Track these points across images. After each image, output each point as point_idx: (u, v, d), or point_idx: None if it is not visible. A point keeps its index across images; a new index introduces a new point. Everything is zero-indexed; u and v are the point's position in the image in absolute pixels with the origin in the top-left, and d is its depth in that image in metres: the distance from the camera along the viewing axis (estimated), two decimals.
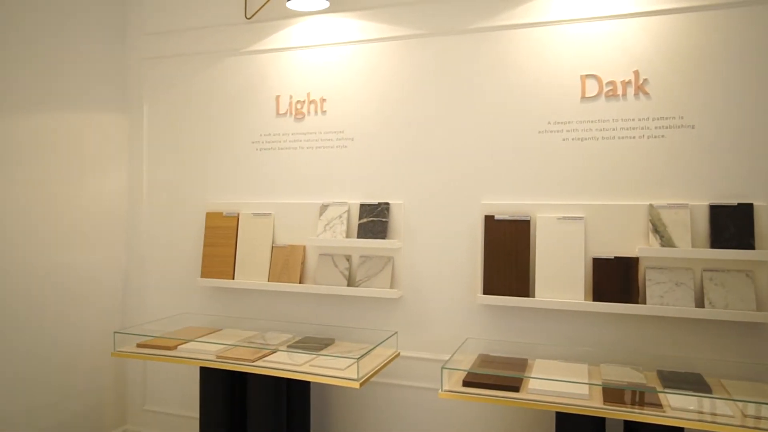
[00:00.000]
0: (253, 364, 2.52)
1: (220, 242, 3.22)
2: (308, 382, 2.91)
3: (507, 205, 2.72)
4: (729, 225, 2.38)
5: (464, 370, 2.31)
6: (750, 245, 2.34)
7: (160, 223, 3.44)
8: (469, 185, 2.80)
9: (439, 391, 2.22)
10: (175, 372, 3.37)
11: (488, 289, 2.69)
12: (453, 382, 2.28)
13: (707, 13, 2.45)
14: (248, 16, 3.17)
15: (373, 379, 2.69)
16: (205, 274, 3.22)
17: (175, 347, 2.73)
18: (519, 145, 2.72)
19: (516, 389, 2.19)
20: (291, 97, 3.13)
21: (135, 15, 3.47)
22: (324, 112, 3.07)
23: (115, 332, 2.84)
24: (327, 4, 2.91)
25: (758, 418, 1.94)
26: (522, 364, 2.46)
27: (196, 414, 3.27)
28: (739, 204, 2.38)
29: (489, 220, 2.72)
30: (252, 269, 3.14)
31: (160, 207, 3.44)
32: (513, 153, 2.73)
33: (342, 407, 3.04)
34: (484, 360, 2.53)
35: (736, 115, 2.41)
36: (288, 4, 2.88)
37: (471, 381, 2.25)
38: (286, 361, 2.55)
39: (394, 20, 2.91)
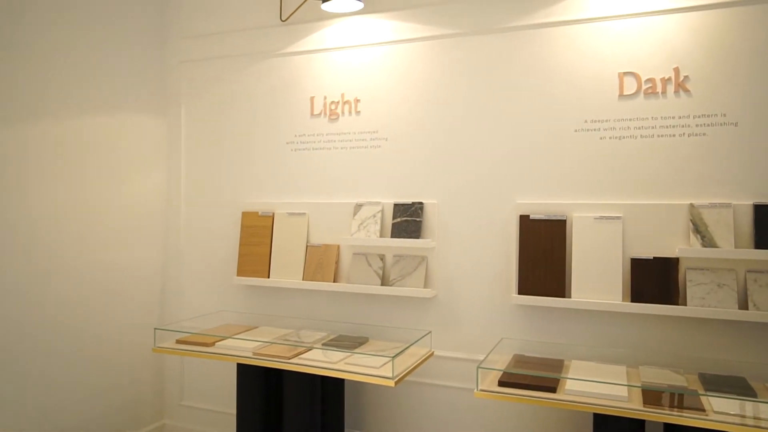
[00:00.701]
0: (289, 361, 2.55)
1: (256, 241, 3.28)
2: (342, 380, 2.93)
3: (542, 205, 2.70)
4: None
5: (500, 370, 2.30)
6: None
7: (197, 223, 3.52)
8: (504, 184, 2.79)
9: (475, 390, 2.22)
10: (212, 368, 3.44)
11: (523, 289, 2.67)
12: (488, 381, 2.27)
13: (749, 7, 2.39)
14: (283, 19, 3.21)
15: (406, 378, 2.70)
16: (241, 272, 3.28)
17: (212, 344, 2.79)
18: (555, 144, 2.70)
19: (552, 390, 2.17)
20: (325, 97, 3.17)
21: (173, 19, 3.55)
22: (358, 113, 3.10)
23: (155, 329, 2.91)
24: (361, 5, 2.94)
25: None
26: (558, 365, 2.43)
27: (232, 409, 3.33)
28: None
29: (524, 219, 2.71)
30: (287, 268, 3.18)
31: (198, 207, 3.52)
32: (548, 152, 2.71)
33: (376, 405, 3.06)
34: (519, 360, 2.51)
35: None
36: (323, 6, 2.91)
37: (506, 381, 2.24)
38: (321, 359, 2.58)
39: (428, 20, 2.92)
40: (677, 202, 2.47)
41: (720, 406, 2.00)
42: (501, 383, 2.24)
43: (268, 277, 3.21)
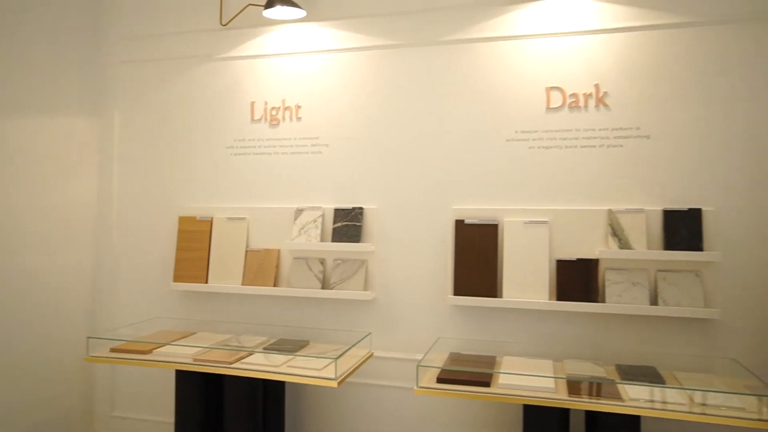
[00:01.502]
0: (232, 366, 2.56)
1: (194, 246, 3.24)
2: (283, 384, 2.96)
3: (476, 210, 2.85)
4: (680, 228, 2.57)
5: (438, 368, 2.42)
6: (699, 247, 2.53)
7: (132, 228, 3.43)
8: (441, 191, 2.92)
9: (415, 387, 2.32)
10: (145, 377, 3.36)
11: (458, 290, 2.81)
12: (427, 379, 2.38)
13: (663, 31, 2.64)
14: (223, 23, 3.21)
15: (347, 380, 2.77)
16: (177, 278, 3.23)
17: (150, 351, 2.74)
18: (488, 153, 2.86)
19: (487, 384, 2.31)
20: (266, 103, 3.19)
21: (111, 19, 3.45)
22: (299, 119, 3.14)
23: (88, 337, 2.82)
24: (304, 13, 2.99)
25: (705, 405, 2.12)
26: (491, 361, 2.58)
27: (166, 418, 3.27)
28: (689, 209, 2.58)
29: (459, 224, 2.85)
30: (226, 273, 3.17)
31: (133, 211, 3.43)
32: (482, 160, 2.87)
33: (317, 408, 3.11)
34: (456, 358, 2.64)
35: (687, 126, 2.60)
36: (265, 13, 2.94)
37: (444, 378, 2.36)
38: (264, 363, 2.60)
39: (370, 30, 3.01)
40: (597, 208, 2.69)
41: (634, 393, 2.20)
42: (439, 380, 2.35)
43: (207, 282, 3.19)
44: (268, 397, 2.88)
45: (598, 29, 2.72)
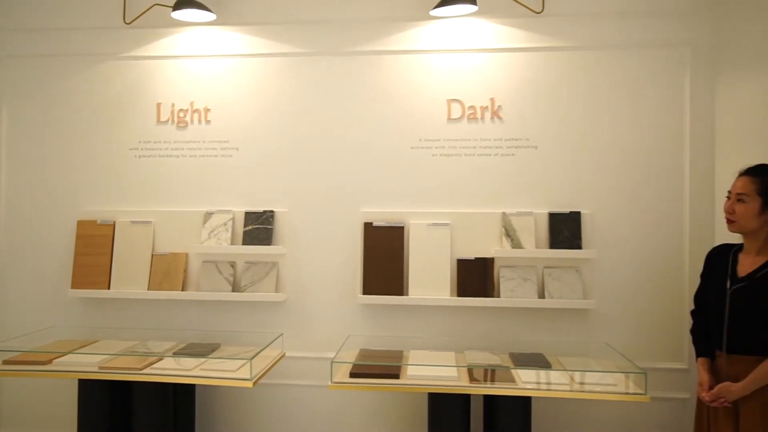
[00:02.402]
0: (142, 372, 2.52)
1: (95, 251, 3.12)
2: (193, 389, 2.95)
3: (384, 213, 3.01)
4: (563, 229, 2.89)
5: (351, 363, 2.55)
6: (578, 246, 2.87)
7: (23, 233, 3.22)
8: (350, 194, 3.05)
9: (329, 383, 2.43)
10: (37, 390, 3.17)
11: (367, 290, 2.96)
12: (340, 374, 2.50)
13: (552, 53, 2.95)
14: (127, 21, 3.12)
15: (260, 381, 2.81)
16: (76, 284, 3.09)
17: (49, 361, 2.62)
18: (394, 159, 3.03)
19: (396, 376, 2.47)
20: (173, 105, 3.15)
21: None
22: (208, 122, 3.13)
23: None
24: (214, 17, 2.99)
25: (583, 384, 2.43)
26: (399, 355, 2.75)
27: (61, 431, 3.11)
28: (570, 212, 2.91)
29: (368, 226, 2.99)
30: (130, 278, 3.09)
31: (24, 215, 3.22)
32: (389, 166, 3.04)
33: (229, 411, 3.11)
34: (366, 354, 2.78)
35: (569, 138, 2.94)
36: (173, 14, 2.90)
37: (357, 372, 2.49)
38: (175, 367, 2.59)
39: (280, 37, 3.08)
40: (492, 211, 2.95)
41: (525, 377, 2.47)
42: (352, 375, 2.48)
43: (109, 288, 3.09)
44: (178, 403, 2.85)
45: (494, 48, 2.98)
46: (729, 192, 2.15)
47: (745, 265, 2.08)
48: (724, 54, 2.80)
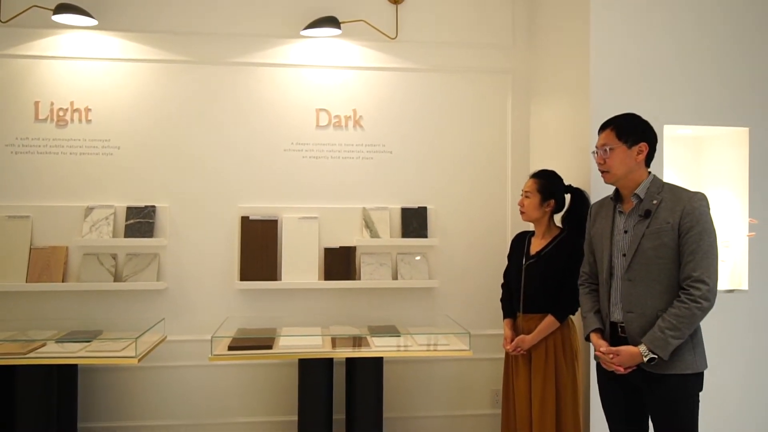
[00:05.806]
0: (26, 356, 2.67)
1: None
2: (76, 374, 3.10)
3: (259, 208, 3.39)
4: (413, 221, 3.47)
5: (230, 337, 2.91)
6: (425, 235, 3.46)
7: None
8: (228, 191, 3.39)
9: (209, 356, 2.77)
10: None
11: (244, 276, 3.32)
12: (219, 349, 2.85)
13: (404, 73, 3.49)
14: (3, 20, 3.18)
15: (141, 364, 3.01)
16: None
17: None
18: (269, 160, 3.42)
19: (269, 348, 2.87)
20: (52, 103, 3.26)
21: None
22: (89, 121, 3.29)
23: None
24: (95, 22, 3.16)
25: (425, 345, 3.00)
26: (273, 331, 3.15)
27: None
28: (419, 207, 3.49)
29: (245, 220, 3.35)
30: (6, 271, 3.17)
31: None
32: (264, 166, 3.42)
33: (111, 394, 3.29)
34: (243, 331, 3.14)
35: (419, 145, 3.51)
36: (54, 18, 3.04)
37: (235, 346, 2.85)
38: (60, 351, 2.77)
39: (161, 45, 3.32)
40: (354, 206, 3.45)
41: (379, 342, 2.99)
42: (230, 348, 2.84)
43: None
44: (61, 388, 2.97)
45: (357, 66, 3.47)
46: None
47: (535, 245, 2.75)
48: (534, 82, 3.54)
